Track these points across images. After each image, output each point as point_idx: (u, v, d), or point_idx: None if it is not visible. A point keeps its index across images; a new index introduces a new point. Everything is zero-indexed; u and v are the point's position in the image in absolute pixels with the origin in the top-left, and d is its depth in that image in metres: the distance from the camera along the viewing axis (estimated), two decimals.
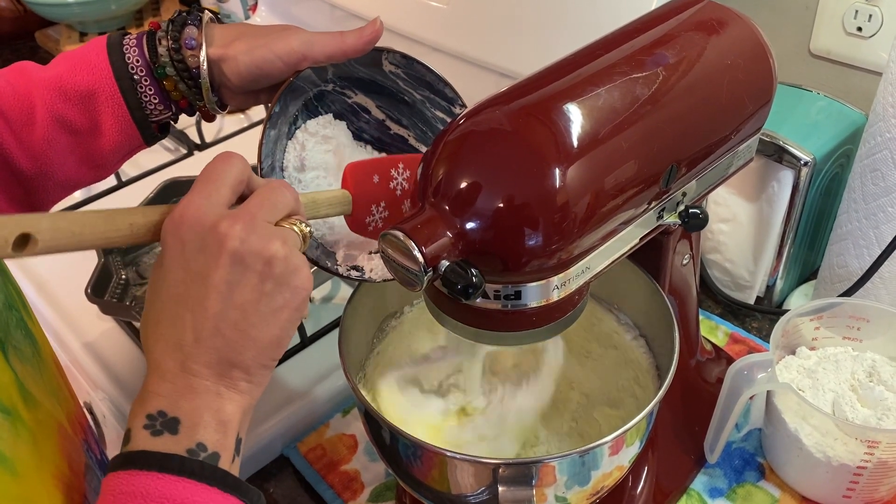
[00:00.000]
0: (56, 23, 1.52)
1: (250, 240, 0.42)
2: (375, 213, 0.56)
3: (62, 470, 0.44)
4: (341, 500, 0.69)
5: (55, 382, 0.50)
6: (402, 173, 0.57)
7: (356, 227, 0.56)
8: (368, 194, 0.55)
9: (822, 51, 0.86)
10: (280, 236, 0.43)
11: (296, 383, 0.79)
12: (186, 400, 0.42)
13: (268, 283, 0.43)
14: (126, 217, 0.43)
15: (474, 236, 0.44)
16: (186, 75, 0.58)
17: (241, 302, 0.42)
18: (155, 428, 0.41)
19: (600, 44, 0.52)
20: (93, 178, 0.62)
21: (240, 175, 0.45)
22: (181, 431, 0.41)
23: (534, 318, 0.49)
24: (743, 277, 0.84)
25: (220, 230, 0.42)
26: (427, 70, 0.59)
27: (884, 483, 0.63)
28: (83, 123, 0.58)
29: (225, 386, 0.43)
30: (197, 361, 0.42)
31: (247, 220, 0.42)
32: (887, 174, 0.68)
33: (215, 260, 0.42)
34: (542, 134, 0.45)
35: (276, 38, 0.57)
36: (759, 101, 0.56)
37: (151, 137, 0.61)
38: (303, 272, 0.44)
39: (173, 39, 0.57)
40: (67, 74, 0.57)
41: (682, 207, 0.55)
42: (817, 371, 0.67)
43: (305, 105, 0.61)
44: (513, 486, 0.50)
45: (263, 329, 0.43)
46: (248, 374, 0.44)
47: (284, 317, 0.44)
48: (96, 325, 0.86)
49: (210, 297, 0.42)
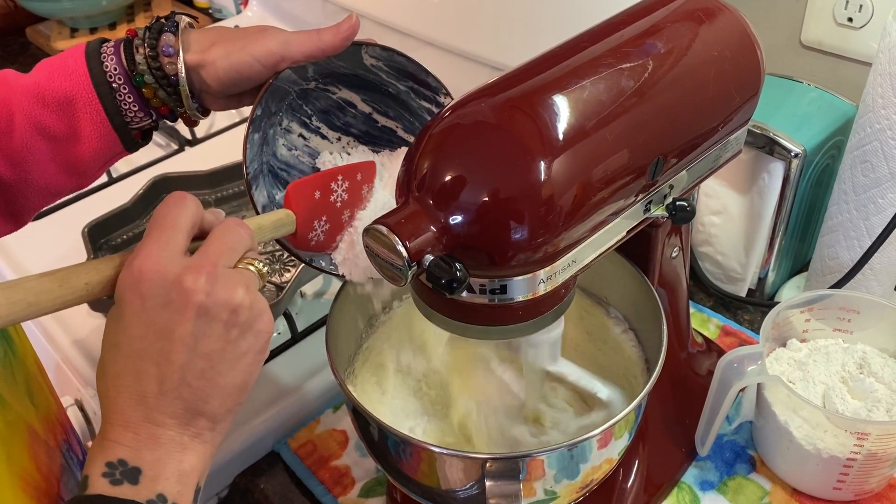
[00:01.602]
0: (46, 19, 1.51)
1: (215, 291, 0.42)
2: (318, 227, 0.56)
3: (30, 473, 0.44)
4: (332, 495, 0.69)
5: (31, 384, 0.49)
6: (341, 185, 0.57)
7: (299, 244, 0.56)
8: (311, 211, 0.55)
9: (813, 42, 0.85)
10: (243, 283, 0.43)
11: (286, 379, 0.79)
12: (149, 450, 0.41)
13: (233, 330, 0.43)
14: (80, 277, 0.42)
15: (459, 230, 0.44)
16: (165, 82, 0.58)
17: (207, 351, 0.42)
18: (115, 477, 0.40)
19: (586, 35, 0.51)
20: (74, 185, 0.62)
21: (193, 218, 0.44)
22: (142, 482, 0.41)
23: (520, 312, 0.48)
24: (734, 270, 0.84)
25: (185, 285, 0.41)
26: (408, 60, 0.58)
27: (874, 475, 0.63)
28: (61, 130, 0.58)
29: (189, 436, 0.43)
30: (162, 412, 0.42)
31: (209, 270, 0.42)
32: (877, 165, 0.68)
33: (181, 315, 0.41)
34: (528, 126, 0.45)
35: (254, 41, 0.56)
36: (746, 93, 0.55)
37: (133, 144, 0.61)
38: (265, 316, 0.45)
39: (150, 47, 0.57)
40: (46, 81, 0.57)
41: (670, 200, 0.54)
42: (808, 363, 0.67)
43: (289, 105, 0.60)
44: (500, 481, 0.50)
45: (229, 376, 0.43)
46: (213, 422, 0.44)
47: (249, 360, 0.44)
48: (86, 322, 0.85)
49: (175, 349, 0.41)
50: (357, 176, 0.59)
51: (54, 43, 1.44)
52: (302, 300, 0.89)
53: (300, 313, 0.86)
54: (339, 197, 0.57)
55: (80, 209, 1.02)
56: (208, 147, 1.14)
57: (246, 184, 0.56)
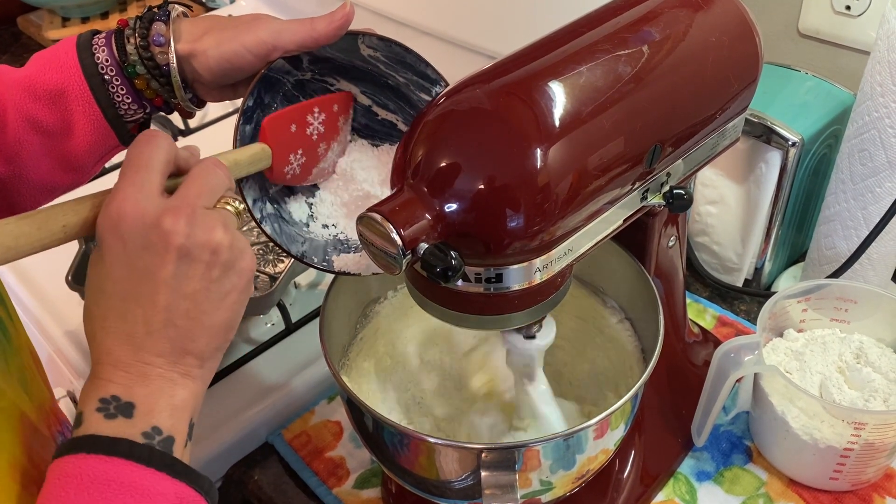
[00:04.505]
0: (38, 8, 1.50)
1: (195, 233, 0.42)
2: (293, 160, 0.57)
3: (19, 459, 0.44)
4: (326, 486, 0.69)
5: (26, 373, 0.49)
6: (317, 117, 0.58)
7: (275, 177, 0.56)
8: (287, 144, 0.56)
9: (811, 30, 0.85)
10: (221, 223, 0.44)
11: (281, 370, 0.78)
12: (140, 386, 0.42)
13: (215, 269, 0.43)
14: (58, 219, 0.43)
15: (454, 218, 0.44)
16: (157, 73, 0.57)
17: (190, 291, 0.43)
18: (109, 411, 0.41)
19: (583, 21, 0.51)
20: (70, 181, 0.61)
21: (167, 156, 0.45)
22: (136, 416, 0.41)
23: (516, 301, 0.48)
24: (731, 260, 0.83)
25: (164, 227, 0.42)
26: (406, 51, 0.57)
27: (870, 465, 0.63)
28: (54, 124, 0.57)
29: (178, 373, 0.43)
30: (150, 352, 0.42)
31: (188, 212, 0.42)
32: (875, 154, 0.68)
33: (161, 257, 0.42)
34: (523, 113, 0.44)
35: (245, 30, 0.55)
36: (744, 80, 0.55)
37: (128, 137, 0.60)
38: (247, 254, 0.45)
39: (141, 37, 0.56)
40: (37, 74, 0.56)
41: (667, 188, 0.54)
42: (805, 353, 0.67)
43: (285, 95, 0.59)
44: (496, 471, 0.50)
45: (214, 315, 0.44)
46: (201, 359, 0.44)
47: (233, 299, 0.45)
48: (78, 312, 0.84)
49: (159, 291, 0.42)
50: (333, 107, 0.59)
51: (46, 32, 1.43)
52: (296, 291, 0.88)
53: (294, 304, 0.86)
54: (316, 130, 0.58)
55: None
56: (201, 137, 1.13)
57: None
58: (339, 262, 0.58)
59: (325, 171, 0.61)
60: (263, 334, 0.82)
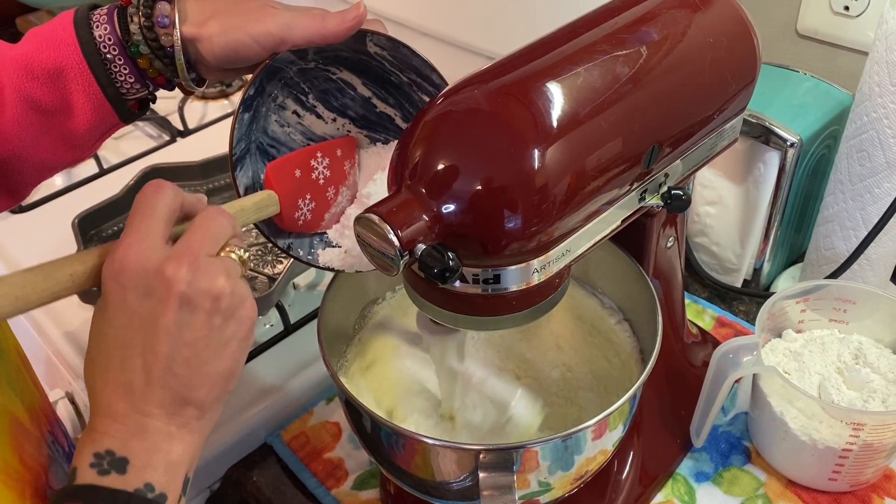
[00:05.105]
0: (37, 9, 1.50)
1: (197, 280, 0.42)
2: (303, 206, 0.56)
3: (12, 464, 0.44)
4: (325, 487, 0.69)
5: (15, 374, 0.49)
6: (321, 162, 0.57)
7: (286, 224, 0.56)
8: (294, 190, 0.55)
9: (809, 31, 0.85)
10: (224, 270, 0.43)
11: (279, 371, 0.78)
12: (137, 440, 0.41)
13: (216, 318, 0.43)
14: (65, 269, 0.42)
15: (451, 219, 0.44)
16: (161, 53, 0.56)
17: (191, 339, 0.42)
18: (102, 467, 0.40)
19: (581, 22, 0.51)
20: (71, 158, 0.60)
21: (172, 205, 0.44)
22: (129, 472, 0.41)
23: (514, 302, 0.48)
24: (730, 260, 0.83)
25: (166, 274, 0.41)
26: (413, 54, 0.57)
27: (869, 466, 0.63)
28: (53, 102, 0.56)
29: (177, 426, 0.43)
30: (149, 402, 0.42)
31: (190, 260, 0.42)
32: (874, 155, 0.68)
33: (163, 305, 0.41)
34: (521, 114, 0.44)
35: (254, 19, 0.54)
36: (742, 81, 0.55)
37: (129, 115, 0.59)
38: (248, 303, 0.44)
39: (145, 16, 0.55)
40: (34, 52, 0.55)
41: (665, 189, 0.54)
42: (803, 354, 0.67)
43: (285, 82, 0.59)
44: (494, 472, 0.50)
45: (215, 363, 0.43)
46: (201, 410, 0.43)
47: (234, 347, 0.44)
48: (77, 314, 0.85)
49: (160, 339, 0.41)
50: (337, 152, 0.59)
51: None
52: (294, 292, 0.88)
53: (293, 305, 0.86)
54: (321, 174, 0.57)
55: (71, 200, 1.01)
56: (200, 138, 1.13)
57: (230, 164, 0.55)
58: (324, 257, 0.59)
59: (336, 216, 0.60)
60: (262, 335, 0.82)
